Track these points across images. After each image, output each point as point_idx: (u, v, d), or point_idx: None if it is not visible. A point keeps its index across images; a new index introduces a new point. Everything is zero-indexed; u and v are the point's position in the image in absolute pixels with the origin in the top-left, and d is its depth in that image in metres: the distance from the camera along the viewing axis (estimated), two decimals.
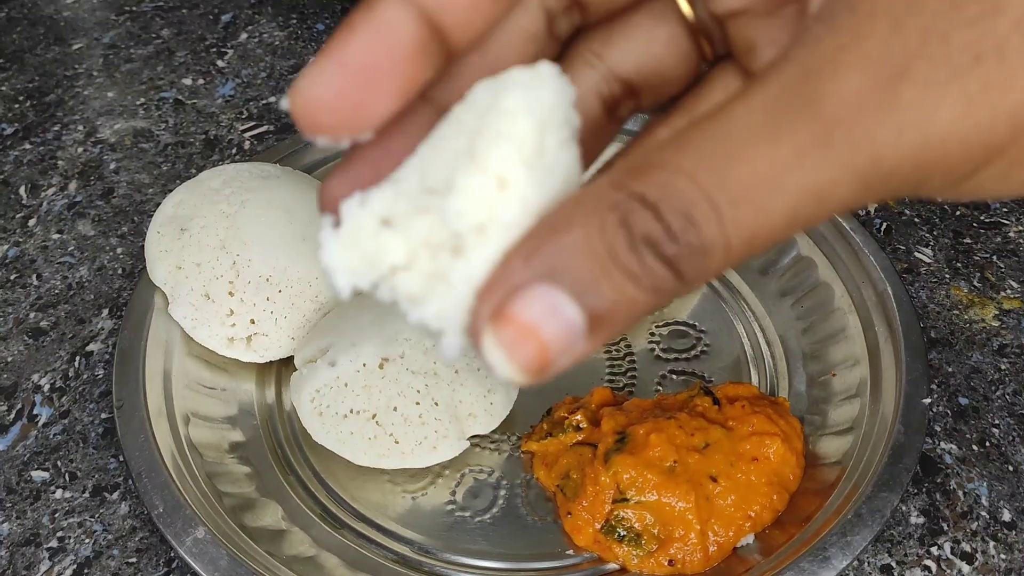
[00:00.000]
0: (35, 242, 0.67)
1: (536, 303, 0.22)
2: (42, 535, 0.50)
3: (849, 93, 0.21)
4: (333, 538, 0.49)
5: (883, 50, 0.22)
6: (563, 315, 0.22)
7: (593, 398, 0.53)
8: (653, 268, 0.22)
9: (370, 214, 0.24)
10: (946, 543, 0.49)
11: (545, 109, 0.24)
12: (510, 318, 0.22)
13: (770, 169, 0.21)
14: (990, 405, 0.54)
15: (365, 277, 0.24)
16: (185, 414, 0.52)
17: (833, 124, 0.21)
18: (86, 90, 0.81)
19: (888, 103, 0.21)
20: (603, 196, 0.22)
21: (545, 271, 0.22)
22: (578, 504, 0.48)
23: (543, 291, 0.22)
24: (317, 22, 0.89)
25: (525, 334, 0.22)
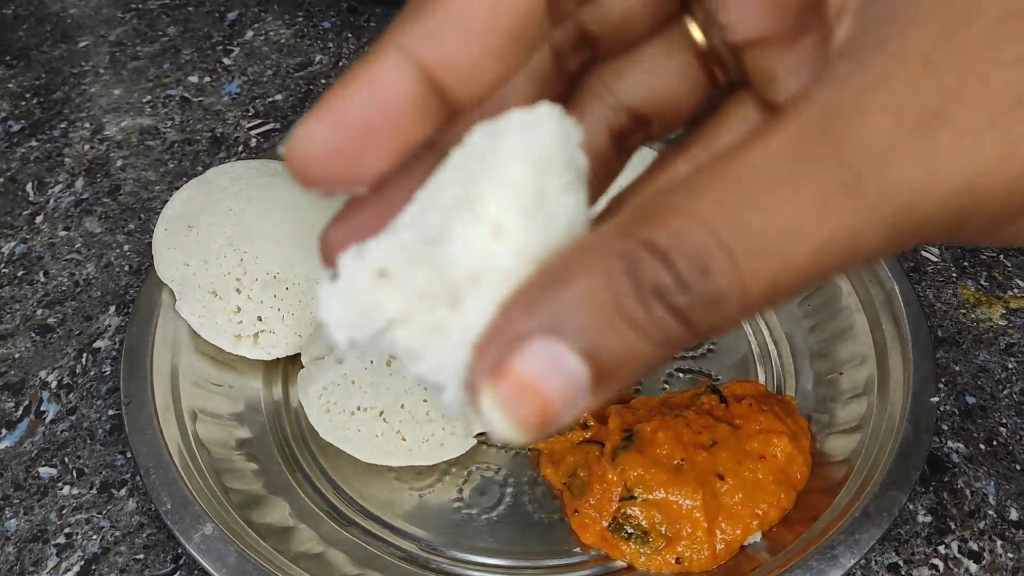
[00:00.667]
0: (42, 239, 0.67)
1: (537, 357, 0.21)
2: (50, 531, 0.50)
3: (879, 135, 0.20)
4: (340, 535, 0.49)
5: (916, 92, 0.20)
6: (566, 370, 0.21)
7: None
8: (662, 320, 0.20)
9: (366, 268, 0.23)
10: (953, 542, 0.49)
11: (545, 152, 0.22)
12: (509, 373, 0.21)
13: (791, 218, 0.20)
14: (997, 404, 0.54)
15: (363, 331, 0.23)
16: (192, 411, 0.52)
17: (861, 168, 0.20)
18: (92, 87, 0.81)
19: (923, 148, 0.20)
20: (610, 243, 0.21)
21: (547, 323, 0.21)
22: (585, 502, 0.48)
23: (545, 344, 0.21)
24: (323, 20, 0.88)
25: (525, 390, 0.21)
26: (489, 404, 0.21)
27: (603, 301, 0.20)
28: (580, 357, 0.20)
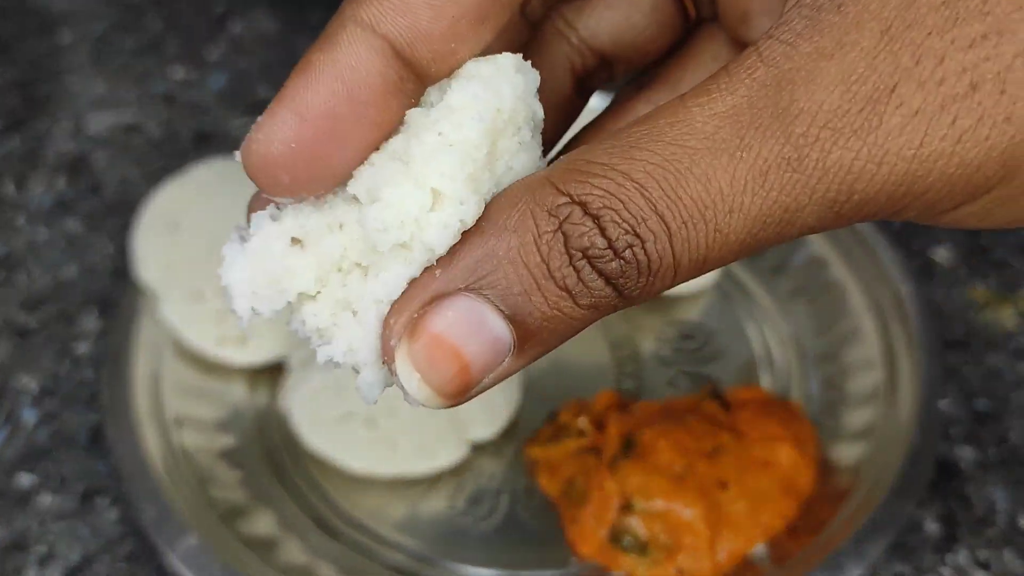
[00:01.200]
0: (23, 239, 0.66)
1: (457, 316, 0.20)
2: (30, 541, 0.50)
3: (825, 110, 0.20)
4: (329, 546, 0.48)
5: (869, 64, 0.20)
6: (488, 330, 0.20)
7: (598, 401, 0.52)
8: (591, 284, 0.20)
9: (280, 231, 0.21)
10: (962, 550, 0.48)
11: (501, 110, 0.21)
12: (425, 332, 0.20)
13: (729, 188, 0.20)
14: (1008, 408, 0.54)
15: (269, 303, 0.22)
16: (175, 417, 0.52)
17: (804, 144, 0.20)
18: (75, 83, 0.80)
19: (868, 127, 0.20)
20: (541, 198, 0.20)
21: (468, 281, 0.20)
22: (582, 512, 0.47)
23: (465, 302, 0.20)
24: (312, 13, 0.88)
25: (443, 350, 0.20)
26: (404, 365, 0.20)
27: (530, 260, 0.19)
28: (503, 318, 0.20)
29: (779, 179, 0.20)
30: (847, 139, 0.20)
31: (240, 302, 0.22)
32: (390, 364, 0.20)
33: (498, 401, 0.51)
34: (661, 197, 0.19)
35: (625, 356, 0.57)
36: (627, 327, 0.58)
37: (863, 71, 0.20)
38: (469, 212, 0.20)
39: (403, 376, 0.20)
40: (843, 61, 0.20)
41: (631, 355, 0.57)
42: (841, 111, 0.20)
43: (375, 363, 0.21)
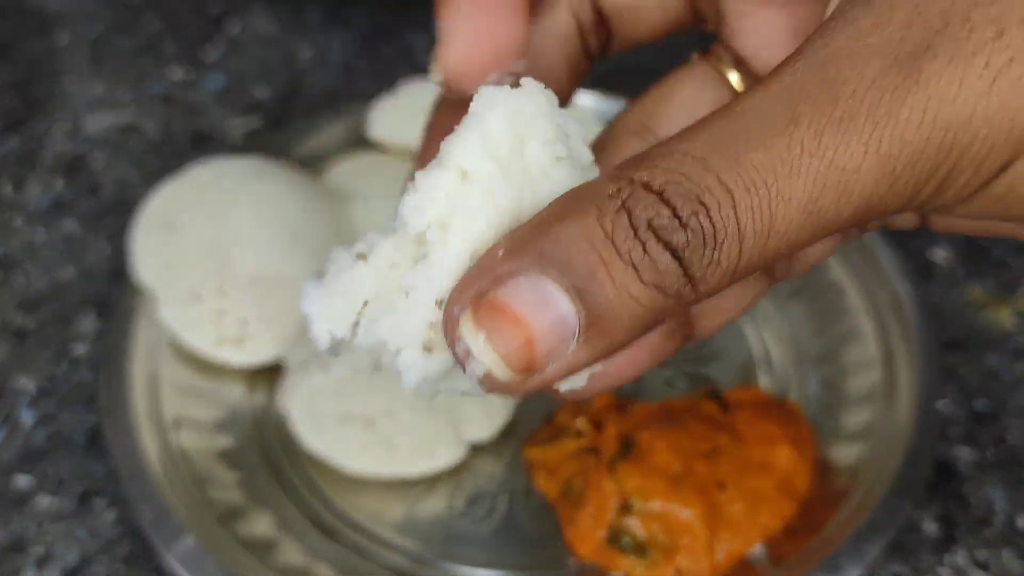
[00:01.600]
0: (19, 240, 0.66)
1: (525, 291, 0.20)
2: (27, 542, 0.50)
3: (870, 74, 0.21)
4: (327, 547, 0.48)
5: (904, 34, 0.21)
6: (554, 307, 0.20)
7: (596, 401, 0.52)
8: (657, 258, 0.20)
9: (348, 255, 0.23)
10: (960, 551, 0.48)
11: (523, 112, 0.22)
12: (493, 304, 0.20)
13: (787, 151, 0.20)
14: (1006, 409, 0.54)
15: (342, 320, 0.22)
16: (173, 418, 0.52)
17: (854, 104, 0.21)
18: (72, 84, 0.80)
19: (910, 80, 0.21)
20: (603, 185, 0.20)
21: (535, 260, 0.20)
22: (581, 513, 0.47)
23: (530, 280, 0.20)
24: (310, 13, 0.88)
25: (509, 319, 0.19)
26: (468, 327, 0.20)
27: (596, 238, 0.19)
28: (570, 296, 0.20)
29: (833, 139, 0.20)
30: (892, 92, 0.21)
31: (317, 327, 0.23)
32: (451, 334, 0.20)
33: (496, 401, 0.51)
34: (722, 166, 0.20)
35: None
36: None
37: (899, 39, 0.21)
38: (503, 190, 0.21)
39: (469, 338, 0.20)
40: (881, 36, 0.21)
41: None
42: (884, 71, 0.21)
43: (417, 345, 0.21)
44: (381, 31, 0.86)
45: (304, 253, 0.55)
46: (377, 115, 0.62)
